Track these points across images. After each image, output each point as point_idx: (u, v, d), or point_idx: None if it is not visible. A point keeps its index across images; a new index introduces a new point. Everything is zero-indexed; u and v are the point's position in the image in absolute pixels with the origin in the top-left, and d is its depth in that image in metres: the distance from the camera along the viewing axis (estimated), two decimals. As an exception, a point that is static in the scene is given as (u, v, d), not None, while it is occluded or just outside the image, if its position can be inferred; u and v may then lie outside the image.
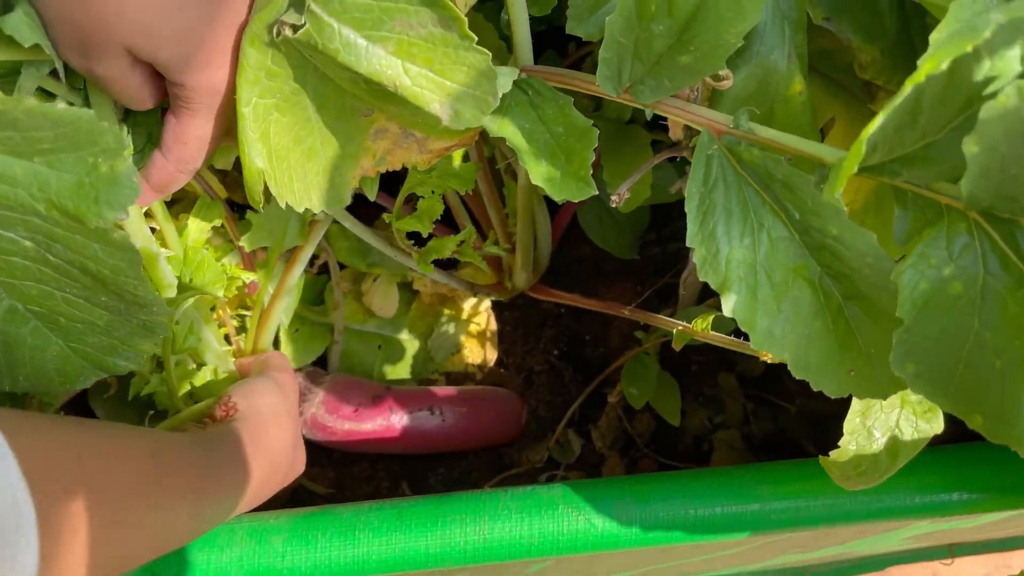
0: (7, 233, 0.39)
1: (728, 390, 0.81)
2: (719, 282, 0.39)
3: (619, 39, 0.39)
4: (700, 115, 0.41)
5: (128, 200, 0.37)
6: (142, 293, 0.42)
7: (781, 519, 0.54)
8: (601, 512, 0.53)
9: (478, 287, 0.75)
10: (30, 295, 0.43)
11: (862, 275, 0.38)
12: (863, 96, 0.51)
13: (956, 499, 0.54)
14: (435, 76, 0.39)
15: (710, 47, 0.38)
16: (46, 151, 0.36)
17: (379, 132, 0.45)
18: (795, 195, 0.38)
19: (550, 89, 0.44)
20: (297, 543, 0.52)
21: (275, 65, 0.41)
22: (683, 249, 0.86)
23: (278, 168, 0.44)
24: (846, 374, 0.40)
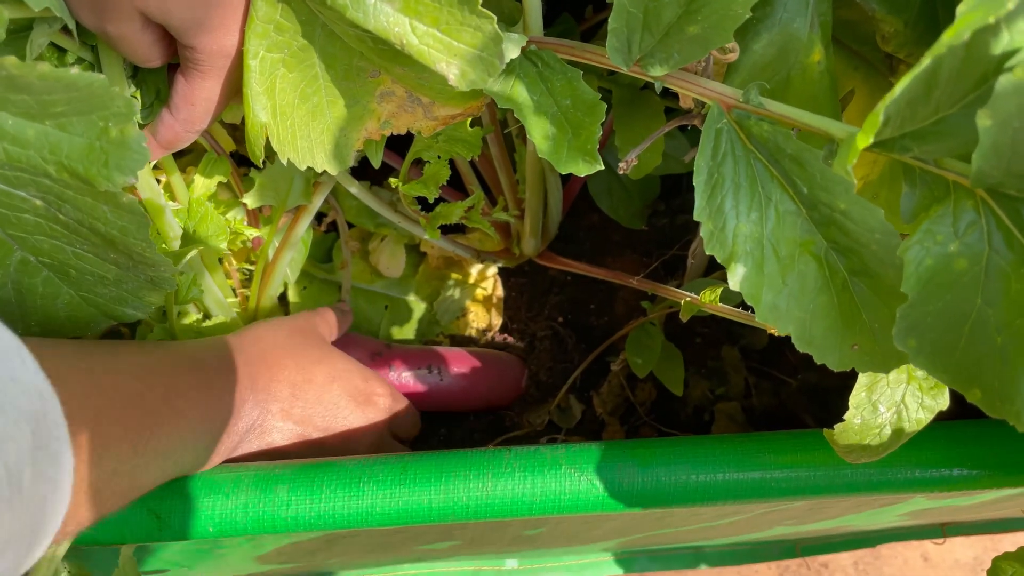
0: (18, 192, 0.40)
1: (731, 362, 0.81)
2: (725, 256, 0.39)
3: (628, 8, 0.39)
4: (709, 88, 0.41)
5: (137, 165, 0.38)
6: (149, 254, 0.42)
7: (781, 487, 0.54)
8: (603, 474, 0.54)
9: (484, 253, 0.75)
10: (41, 248, 0.44)
11: (869, 250, 0.38)
12: (884, 69, 0.51)
13: (956, 475, 0.55)
14: (442, 35, 0.39)
15: (718, 18, 0.38)
16: (58, 114, 0.37)
17: (385, 95, 0.45)
18: (804, 170, 0.38)
19: (559, 61, 0.44)
20: (302, 493, 0.52)
21: (284, 19, 0.41)
22: (691, 221, 0.86)
23: (281, 124, 0.44)
24: (849, 348, 0.40)
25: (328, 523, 0.52)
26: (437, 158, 0.56)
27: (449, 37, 0.39)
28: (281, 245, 0.63)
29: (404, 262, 0.77)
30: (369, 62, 0.43)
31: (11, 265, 0.45)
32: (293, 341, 0.63)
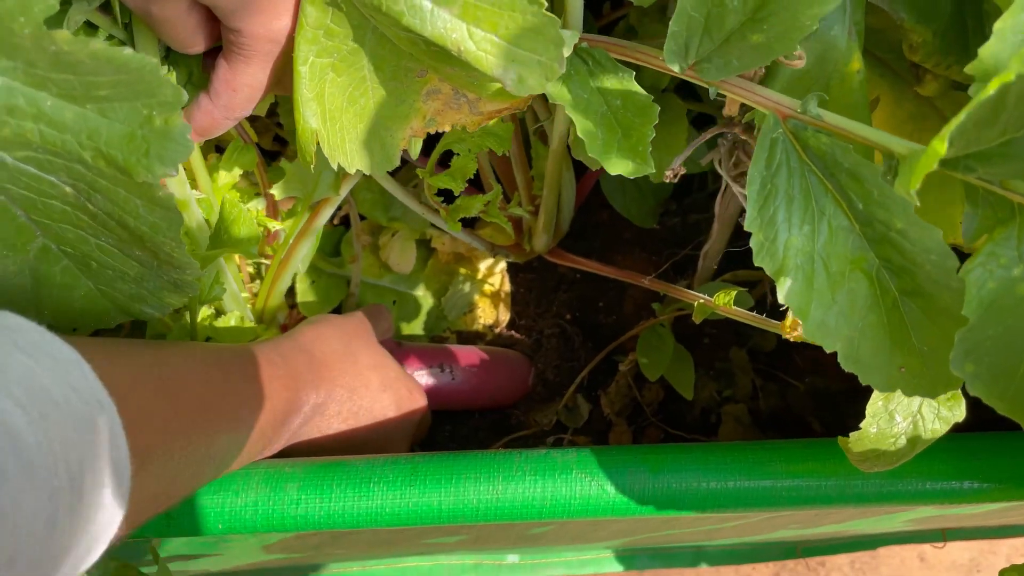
0: (49, 177, 0.39)
1: (739, 364, 0.81)
2: (775, 268, 0.38)
3: (691, 12, 0.38)
4: (767, 97, 0.40)
5: (180, 157, 0.36)
6: (178, 255, 0.41)
7: (791, 496, 0.54)
8: (614, 479, 0.54)
9: (497, 247, 0.74)
10: (65, 237, 0.43)
11: (924, 271, 0.37)
12: (909, 78, 0.50)
13: (967, 487, 0.54)
14: (500, 41, 0.38)
15: (785, 27, 0.37)
16: (101, 98, 0.35)
17: (431, 93, 0.44)
18: (861, 185, 0.37)
19: (611, 60, 0.43)
20: (311, 492, 0.52)
21: (334, 24, 0.40)
22: (703, 221, 0.85)
23: (331, 128, 0.43)
24: (896, 370, 0.39)
25: (337, 522, 0.52)
26: (467, 151, 0.56)
27: (508, 42, 0.38)
28: (296, 240, 0.62)
29: (414, 258, 0.77)
30: (418, 62, 0.42)
31: (31, 251, 0.44)
32: (352, 344, 0.63)
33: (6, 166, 0.38)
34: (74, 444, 0.33)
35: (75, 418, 0.33)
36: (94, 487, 0.34)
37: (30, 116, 0.36)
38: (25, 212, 0.41)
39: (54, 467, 0.31)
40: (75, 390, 0.34)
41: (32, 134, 0.36)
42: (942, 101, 0.51)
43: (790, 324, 0.53)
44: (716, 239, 0.73)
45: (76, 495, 0.32)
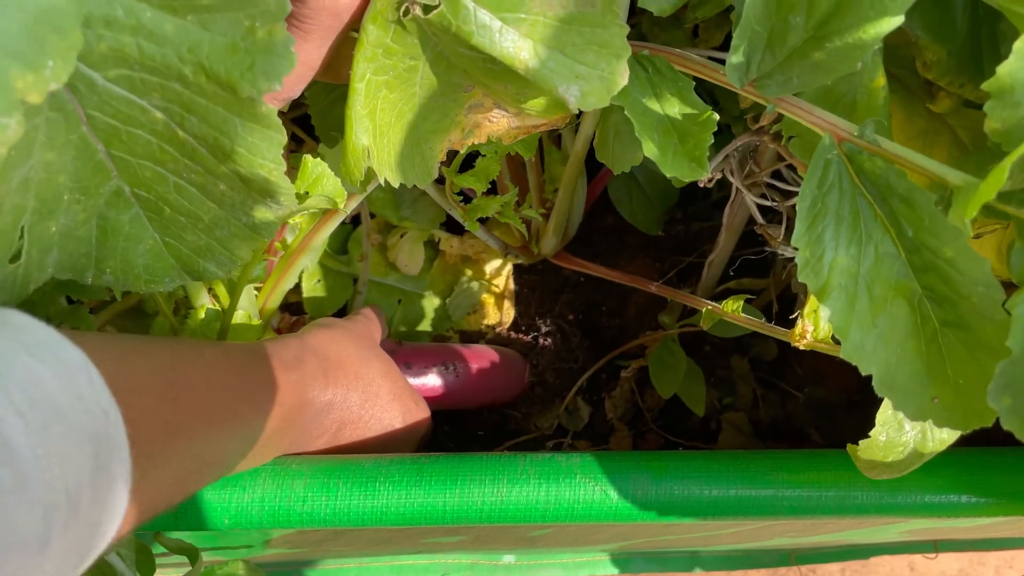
0: (140, 101, 0.37)
1: (740, 373, 0.81)
2: (819, 286, 0.39)
3: (755, 27, 0.38)
4: (824, 119, 0.40)
5: (284, 70, 0.35)
6: (275, 178, 0.40)
7: (792, 506, 0.55)
8: (617, 485, 0.54)
9: (509, 248, 0.75)
10: (142, 176, 0.41)
11: (969, 302, 0.37)
12: (922, 94, 0.51)
13: (965, 501, 0.55)
14: (565, 58, 0.39)
15: (847, 46, 0.37)
16: (203, 7, 0.34)
17: (473, 107, 0.44)
18: (913, 211, 0.37)
19: (671, 69, 0.44)
20: (318, 489, 0.52)
21: (394, 43, 0.40)
22: (706, 229, 0.86)
23: (380, 144, 0.43)
24: (929, 400, 0.40)
25: (342, 520, 0.52)
26: (494, 153, 0.56)
27: (573, 59, 0.38)
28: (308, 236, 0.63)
29: (422, 259, 0.77)
30: (468, 78, 0.42)
31: (103, 196, 0.42)
32: (362, 351, 0.63)
33: (96, 89, 0.37)
34: (74, 459, 0.32)
35: (77, 430, 0.32)
36: (92, 503, 0.33)
37: (128, 29, 0.35)
38: (105, 146, 0.39)
39: (50, 483, 0.30)
40: (80, 398, 0.33)
41: (130, 48, 0.35)
42: (954, 118, 0.51)
43: (799, 332, 0.53)
44: (722, 247, 0.74)
45: (72, 512, 0.32)
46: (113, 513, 0.35)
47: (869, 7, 0.37)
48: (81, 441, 0.32)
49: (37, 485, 0.30)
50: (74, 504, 0.32)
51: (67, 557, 0.32)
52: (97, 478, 0.33)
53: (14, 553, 0.29)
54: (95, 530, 0.34)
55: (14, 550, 0.29)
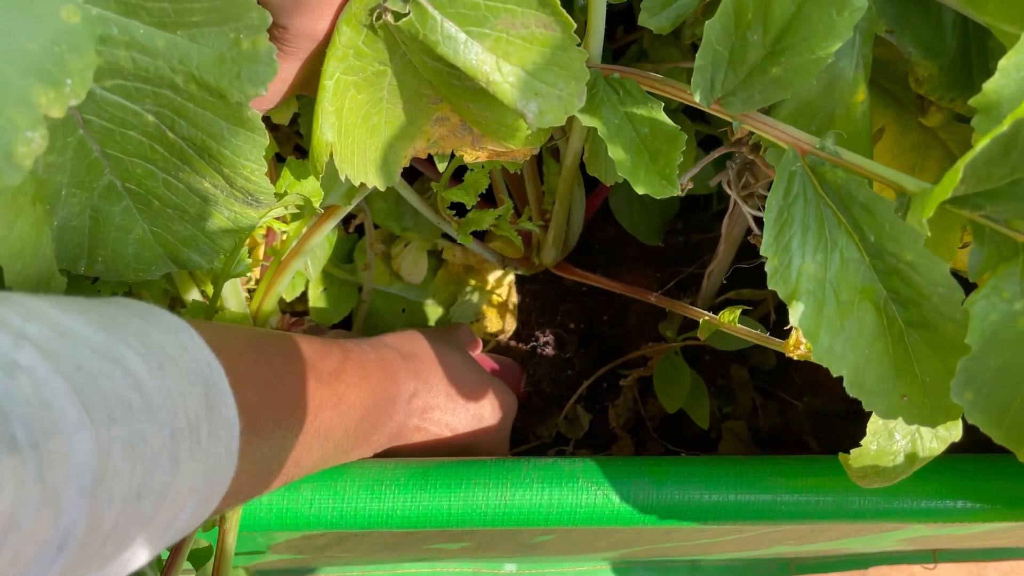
0: (133, 106, 0.40)
1: (739, 382, 0.82)
2: (788, 292, 0.40)
3: (716, 46, 0.40)
4: (787, 133, 0.42)
5: (267, 77, 0.39)
6: (256, 178, 0.43)
7: (790, 511, 0.56)
8: (619, 489, 0.55)
9: (508, 260, 0.76)
10: (133, 173, 0.44)
11: (930, 302, 0.39)
12: (915, 109, 0.52)
13: (960, 507, 0.56)
14: (526, 75, 0.41)
15: (801, 61, 0.39)
16: (191, 24, 0.38)
17: (440, 119, 0.46)
18: (874, 218, 0.39)
19: (641, 91, 0.45)
20: (324, 492, 0.53)
21: (365, 46, 0.42)
22: (706, 240, 0.87)
23: (344, 142, 0.45)
24: (899, 398, 0.41)
25: (349, 523, 0.53)
26: (481, 167, 0.57)
27: (533, 77, 0.41)
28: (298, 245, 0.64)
29: (426, 268, 0.78)
30: (435, 90, 0.44)
31: (96, 190, 0.45)
32: (438, 345, 0.65)
33: (94, 97, 0.40)
34: (190, 395, 0.35)
35: (188, 372, 0.35)
36: (210, 437, 0.36)
37: (123, 44, 0.38)
38: (101, 146, 0.42)
39: (173, 410, 0.34)
40: (186, 349, 0.36)
41: (125, 61, 0.38)
42: (945, 132, 0.53)
43: (793, 343, 0.54)
44: (721, 258, 0.75)
45: (195, 440, 0.34)
46: (229, 452, 0.37)
47: (819, 22, 0.38)
48: (192, 382, 0.35)
49: (162, 410, 0.33)
50: (195, 433, 0.35)
51: (198, 487, 0.35)
52: (211, 415, 0.36)
53: (148, 465, 0.32)
54: (216, 464, 0.36)
55: (148, 463, 0.32)
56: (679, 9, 0.47)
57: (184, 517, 0.35)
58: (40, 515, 0.27)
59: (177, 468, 0.33)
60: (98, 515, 0.30)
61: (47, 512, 0.28)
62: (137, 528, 0.32)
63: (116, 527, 0.31)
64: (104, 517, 0.30)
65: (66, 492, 0.28)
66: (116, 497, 0.31)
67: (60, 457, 0.28)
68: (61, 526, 0.28)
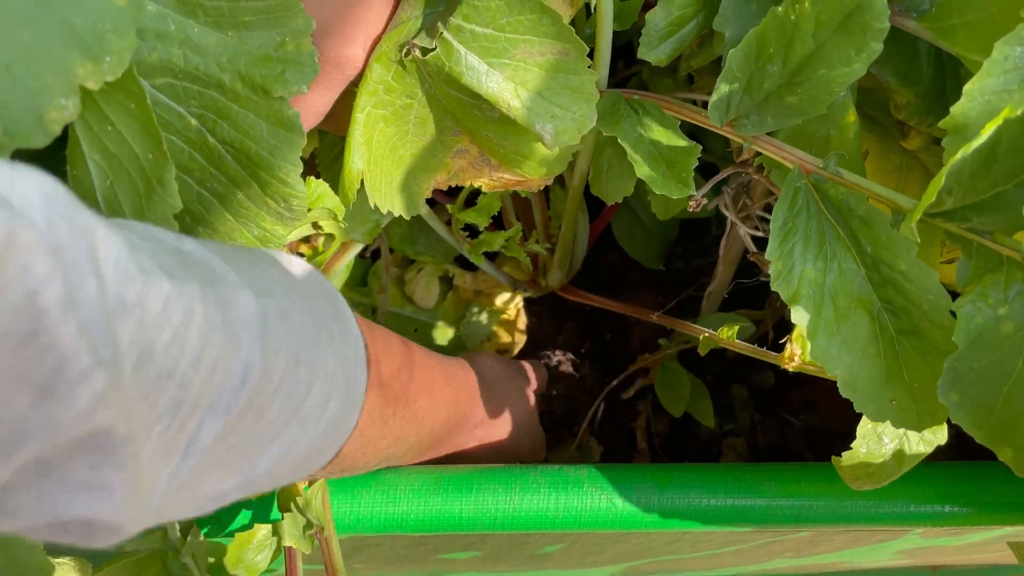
0: (178, 107, 0.43)
1: (739, 400, 0.85)
2: (790, 294, 0.44)
3: (736, 73, 0.44)
4: (793, 154, 0.46)
5: (308, 77, 0.42)
6: (292, 179, 0.44)
7: (786, 515, 0.58)
8: (622, 494, 0.58)
9: (517, 281, 0.80)
10: None
11: (921, 310, 0.42)
12: (896, 133, 0.56)
13: (948, 511, 0.59)
14: (543, 99, 0.45)
15: (817, 92, 0.43)
16: (243, 24, 0.41)
17: (460, 152, 0.50)
18: (871, 230, 0.43)
19: (659, 111, 0.50)
20: (341, 498, 0.56)
21: (394, 81, 0.46)
22: (707, 264, 0.91)
23: (373, 172, 0.49)
24: (888, 402, 0.44)
25: (365, 527, 0.56)
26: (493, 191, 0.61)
27: (549, 101, 0.44)
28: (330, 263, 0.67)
29: (437, 293, 0.82)
30: (456, 123, 0.48)
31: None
32: (517, 383, 0.72)
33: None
34: (317, 299, 0.39)
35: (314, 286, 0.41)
36: (341, 336, 0.40)
37: (177, 41, 0.41)
38: None
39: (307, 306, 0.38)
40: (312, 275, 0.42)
41: (177, 58, 0.41)
42: (925, 155, 0.56)
43: (788, 355, 0.57)
44: (720, 279, 0.79)
45: (328, 333, 0.39)
46: (359, 360, 0.42)
47: (838, 60, 0.42)
48: (319, 295, 0.40)
49: (298, 302, 0.37)
50: (328, 329, 0.39)
51: (335, 373, 0.39)
52: (339, 320, 0.41)
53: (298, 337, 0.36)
54: (348, 366, 0.40)
55: (297, 335, 0.36)
56: (676, 42, 0.51)
57: (333, 407, 0.39)
58: (226, 340, 0.30)
59: (320, 349, 0.37)
60: (268, 363, 0.33)
61: (231, 340, 0.31)
62: (297, 397, 0.35)
63: (282, 383, 0.34)
64: (273, 367, 0.33)
65: (241, 330, 0.32)
66: (281, 351, 0.34)
67: (231, 301, 0.32)
68: (242, 359, 0.32)
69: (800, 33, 0.43)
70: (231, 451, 0.32)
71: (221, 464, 0.32)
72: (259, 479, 0.36)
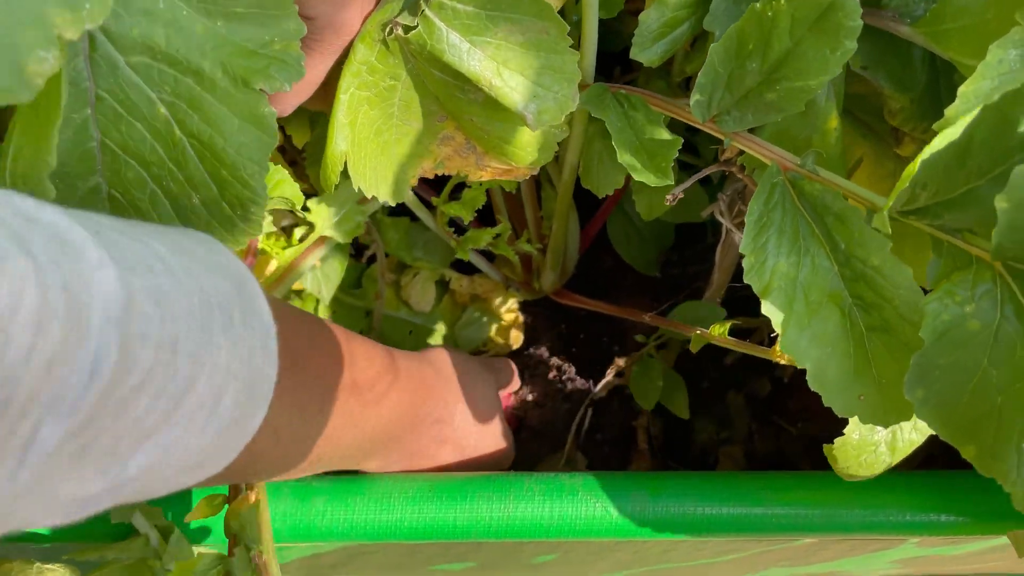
0: (151, 93, 0.41)
1: (736, 408, 0.85)
2: (762, 287, 0.44)
3: (717, 68, 0.45)
4: (772, 151, 0.46)
5: (292, 77, 0.41)
6: (255, 182, 0.42)
7: (781, 523, 0.58)
8: (617, 502, 0.58)
9: (510, 281, 0.80)
10: (124, 177, 0.43)
11: (892, 305, 0.42)
12: (890, 140, 0.56)
13: (944, 520, 0.58)
14: (525, 79, 0.45)
15: (795, 89, 0.44)
16: (234, 15, 0.40)
17: (446, 138, 0.50)
18: (845, 227, 0.43)
19: (644, 105, 0.50)
20: (336, 505, 0.56)
21: (377, 61, 0.46)
22: (702, 271, 0.91)
23: (357, 154, 0.49)
24: (856, 397, 0.44)
25: (360, 534, 0.56)
26: (479, 184, 0.61)
27: (531, 80, 0.45)
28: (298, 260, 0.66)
29: (433, 297, 0.82)
30: (441, 107, 0.48)
31: (80, 191, 0.43)
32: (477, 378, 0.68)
33: (116, 70, 0.40)
34: (219, 281, 0.34)
35: (218, 267, 0.35)
36: (244, 323, 0.35)
37: (163, 21, 0.39)
38: (102, 134, 0.42)
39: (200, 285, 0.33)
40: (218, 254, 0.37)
41: (159, 38, 0.40)
42: (920, 161, 0.56)
43: (779, 349, 0.57)
44: (715, 286, 0.78)
45: (226, 317, 0.33)
46: (267, 351, 0.36)
47: (813, 58, 0.43)
48: (221, 275, 0.35)
49: (187, 280, 0.32)
50: (226, 313, 0.34)
51: (233, 367, 0.34)
52: (243, 304, 0.35)
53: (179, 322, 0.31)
54: (253, 358, 0.35)
55: (178, 319, 0.30)
56: (669, 43, 0.51)
57: (227, 404, 0.34)
58: (69, 328, 0.26)
59: (210, 337, 0.32)
60: (129, 351, 0.28)
61: (75, 328, 0.26)
62: (175, 391, 0.31)
63: (151, 376, 0.29)
64: (137, 357, 0.29)
65: (92, 314, 0.27)
66: (149, 339, 0.29)
67: (83, 281, 0.27)
68: (91, 349, 0.27)
69: (777, 30, 0.43)
70: (86, 452, 0.28)
71: (77, 467, 0.28)
72: (136, 483, 0.32)
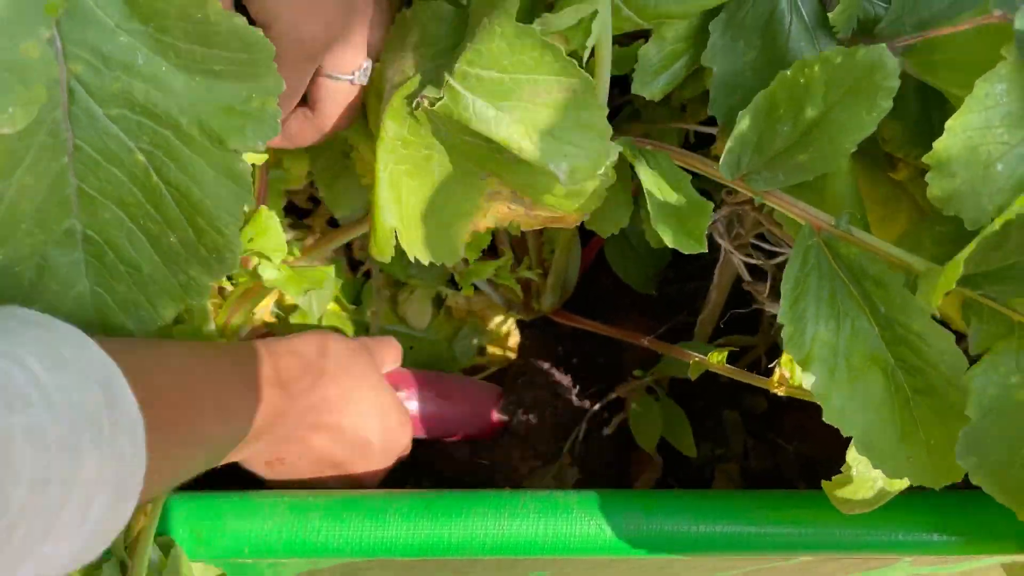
0: (130, 143, 0.42)
1: (731, 425, 0.86)
2: (802, 357, 0.44)
3: (746, 132, 0.45)
4: (805, 210, 0.46)
5: (267, 136, 0.42)
6: (228, 233, 0.44)
7: (775, 542, 0.59)
8: (611, 520, 0.58)
9: (511, 303, 0.80)
10: (100, 217, 0.45)
11: (937, 370, 0.43)
12: (884, 164, 0.57)
13: (937, 540, 0.59)
14: (554, 139, 0.44)
15: (828, 150, 0.44)
16: (213, 72, 0.41)
17: (492, 194, 0.49)
18: (885, 292, 0.43)
19: (671, 163, 0.50)
20: (332, 521, 0.56)
21: (410, 135, 0.46)
22: (700, 288, 0.91)
23: (407, 226, 0.49)
24: (904, 459, 0.45)
25: (355, 551, 0.56)
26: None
27: (561, 141, 0.44)
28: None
29: (430, 314, 0.82)
30: (480, 166, 0.47)
31: (55, 233, 0.45)
32: (353, 362, 0.64)
33: (95, 121, 0.42)
34: (88, 391, 0.37)
35: (85, 371, 0.37)
36: (112, 430, 0.37)
37: (142, 76, 0.40)
38: (79, 180, 0.43)
39: (72, 404, 0.35)
40: (83, 348, 0.39)
41: (139, 92, 0.41)
42: (912, 186, 0.57)
43: (777, 379, 0.58)
44: (713, 305, 0.79)
45: (96, 432, 0.36)
46: (136, 447, 0.39)
47: (848, 120, 0.43)
48: (90, 379, 0.37)
49: (61, 404, 0.35)
50: (97, 426, 0.36)
51: (104, 475, 0.36)
52: (113, 411, 0.38)
53: (52, 453, 0.33)
54: (123, 459, 0.38)
55: (51, 450, 0.33)
56: (669, 78, 0.52)
57: (98, 509, 0.37)
58: None
59: (81, 457, 0.35)
60: (3, 492, 0.31)
61: None
62: (48, 516, 0.33)
63: (24, 512, 0.32)
64: (10, 497, 0.31)
65: None
66: (22, 480, 0.32)
67: None
68: None
69: (810, 96, 0.43)
70: None
71: None
72: None
